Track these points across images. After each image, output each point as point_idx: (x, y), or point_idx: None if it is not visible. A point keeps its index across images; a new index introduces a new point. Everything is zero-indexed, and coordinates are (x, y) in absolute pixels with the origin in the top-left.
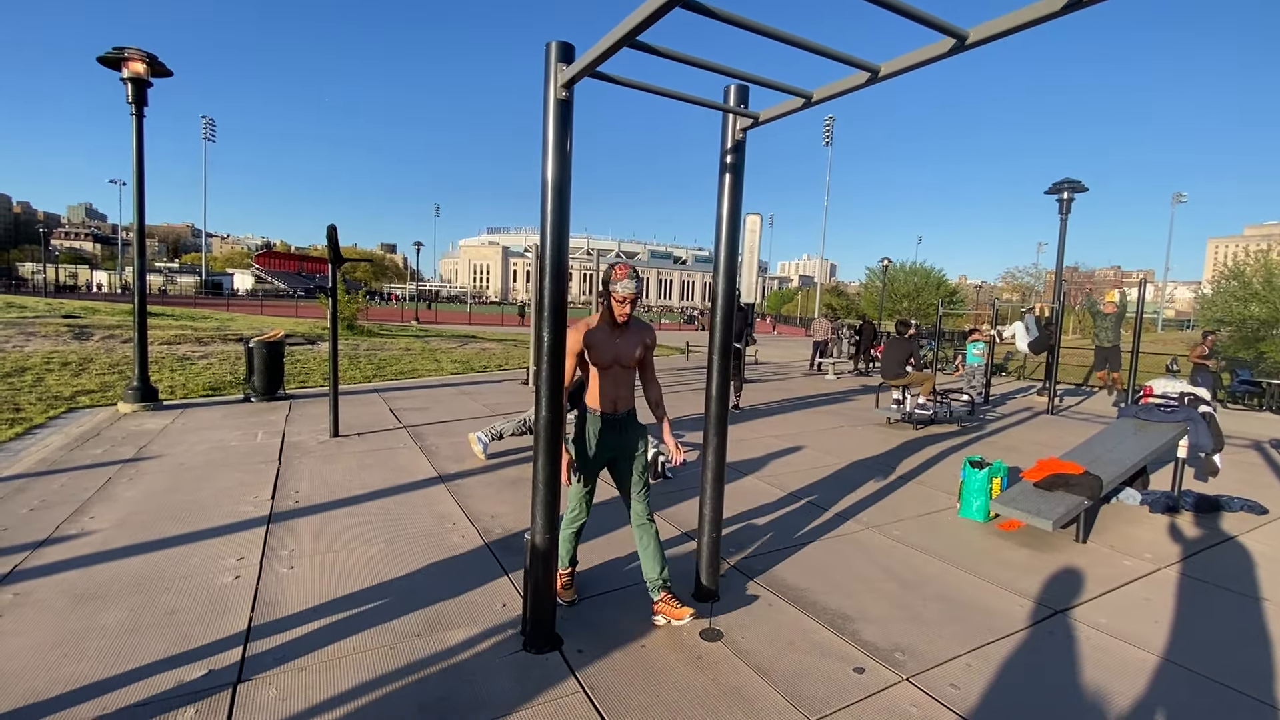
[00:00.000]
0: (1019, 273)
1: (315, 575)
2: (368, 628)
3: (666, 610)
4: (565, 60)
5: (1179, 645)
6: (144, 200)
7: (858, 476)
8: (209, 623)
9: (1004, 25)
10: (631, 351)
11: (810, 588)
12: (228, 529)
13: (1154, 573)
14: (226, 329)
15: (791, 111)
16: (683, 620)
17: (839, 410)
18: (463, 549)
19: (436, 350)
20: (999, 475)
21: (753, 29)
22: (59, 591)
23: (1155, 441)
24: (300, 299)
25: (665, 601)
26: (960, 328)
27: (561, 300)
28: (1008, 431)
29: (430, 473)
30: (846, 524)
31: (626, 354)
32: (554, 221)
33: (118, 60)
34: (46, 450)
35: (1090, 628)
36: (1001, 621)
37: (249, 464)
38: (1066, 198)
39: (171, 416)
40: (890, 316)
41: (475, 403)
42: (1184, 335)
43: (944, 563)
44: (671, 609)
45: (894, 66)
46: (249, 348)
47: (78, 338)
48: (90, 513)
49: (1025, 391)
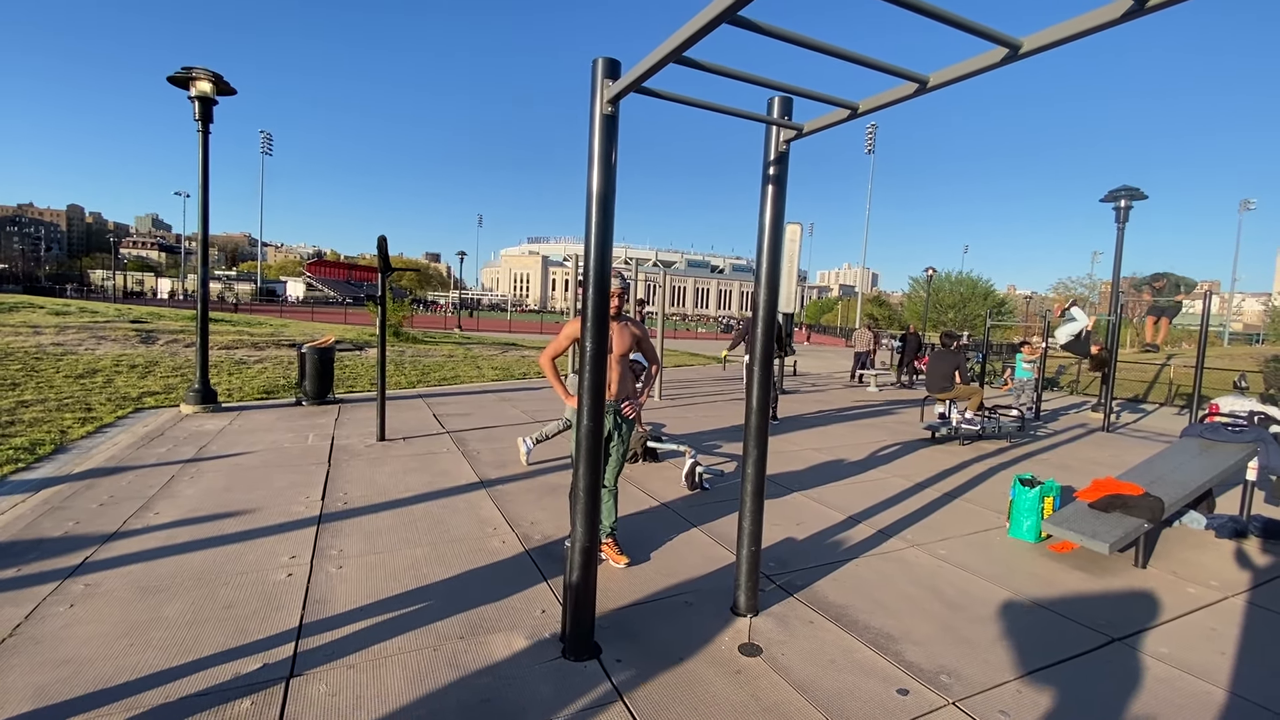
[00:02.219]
0: (1072, 283)
1: (363, 575)
2: (413, 628)
3: (609, 553)
4: (611, 76)
5: (1248, 679)
6: (208, 213)
7: (901, 492)
8: (264, 618)
9: (1059, 34)
10: (620, 341)
11: (852, 605)
12: (281, 528)
13: (1220, 601)
14: (280, 335)
15: (836, 123)
16: (619, 565)
17: (882, 424)
18: (503, 554)
19: (478, 357)
20: (1051, 494)
21: (800, 43)
22: (126, 583)
23: (1222, 463)
24: (349, 306)
25: (609, 546)
26: (1009, 339)
27: (604, 310)
28: (1060, 449)
29: (472, 478)
30: (890, 541)
31: (615, 344)
32: (598, 233)
33: (186, 80)
34: (115, 448)
35: (1151, 657)
36: (1054, 647)
37: (301, 465)
38: (1124, 205)
39: (229, 418)
40: (935, 327)
41: (515, 409)
42: (1253, 350)
43: (992, 584)
44: (613, 553)
45: (943, 77)
46: (301, 353)
47: (144, 341)
48: (155, 509)
49: (1079, 408)
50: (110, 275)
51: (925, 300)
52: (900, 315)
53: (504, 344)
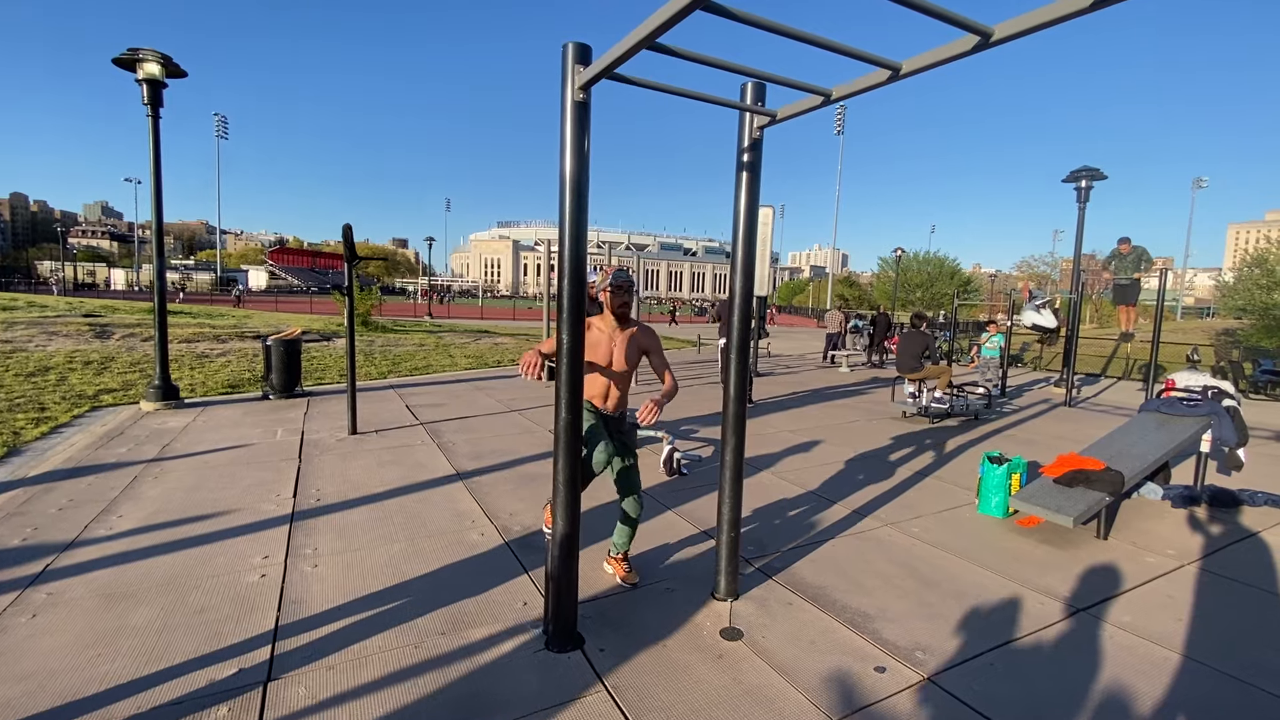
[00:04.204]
0: (1035, 261)
1: (339, 574)
2: (392, 626)
3: (617, 568)
4: (582, 62)
5: (1203, 643)
6: (161, 201)
7: (875, 472)
8: (238, 621)
9: (1030, 22)
10: (621, 353)
11: (830, 585)
12: (252, 527)
13: (1177, 569)
14: (243, 326)
15: (810, 109)
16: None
17: (854, 404)
18: (483, 547)
19: (450, 345)
20: (1018, 471)
21: (772, 29)
22: (91, 591)
23: (1178, 436)
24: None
25: (618, 561)
26: (975, 317)
27: (580, 301)
28: (1025, 425)
29: (448, 470)
30: (865, 521)
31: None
32: (572, 221)
33: (132, 62)
34: (73, 450)
35: (1114, 626)
36: (1023, 620)
37: (270, 462)
38: (1085, 186)
39: (193, 414)
40: (903, 307)
41: (490, 398)
42: (1205, 324)
43: (964, 560)
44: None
45: (916, 64)
46: (266, 346)
47: (99, 336)
48: (118, 511)
49: (1042, 383)
50: (60, 267)
51: (894, 280)
52: (870, 295)
53: (476, 331)
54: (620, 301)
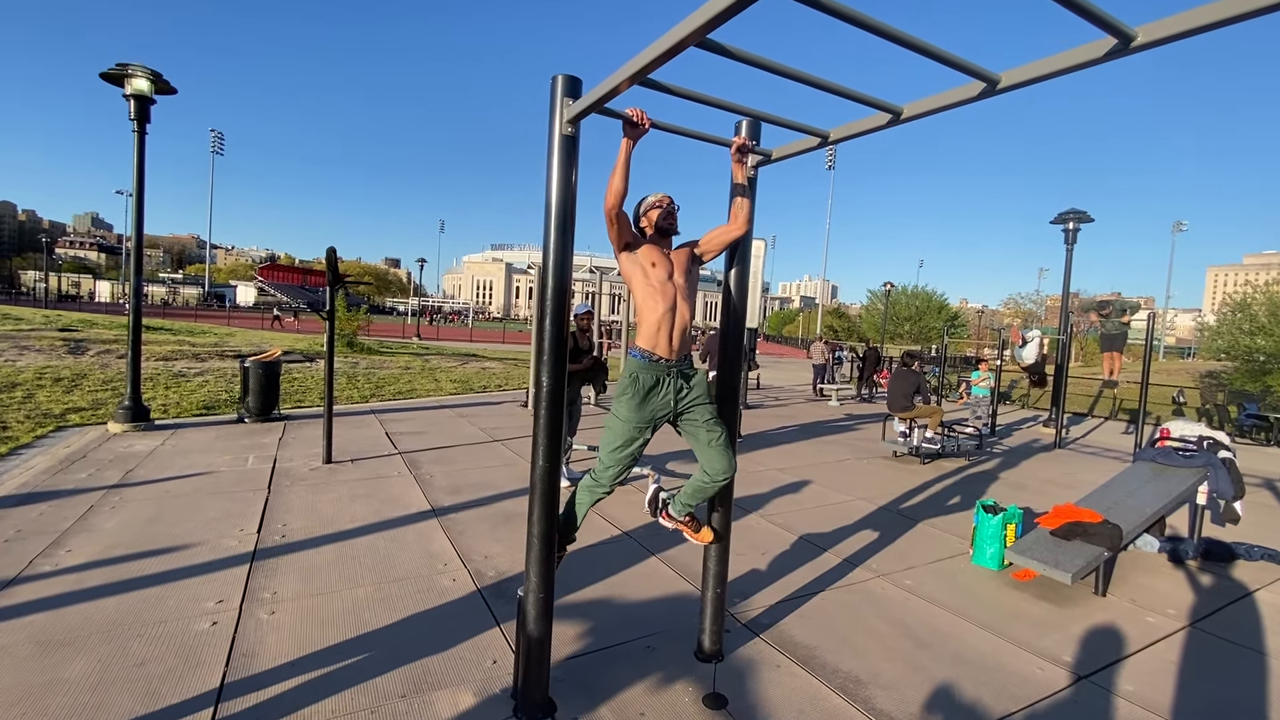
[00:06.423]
0: (1022, 299)
1: (297, 622)
2: (349, 686)
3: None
4: (571, 95)
5: (1207, 716)
6: (143, 218)
7: (866, 516)
8: (180, 677)
9: (1039, 71)
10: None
11: (820, 645)
12: (209, 566)
13: (1178, 631)
14: (225, 345)
15: (806, 150)
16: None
17: (844, 440)
18: (453, 594)
19: (436, 369)
20: (1013, 521)
21: (771, 69)
22: (25, 637)
23: (1175, 488)
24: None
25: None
26: (962, 352)
27: (561, 340)
28: (1017, 467)
29: (424, 505)
30: (856, 571)
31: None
32: (556, 258)
33: (120, 77)
34: (29, 474)
35: (1118, 696)
36: (1023, 688)
37: (237, 492)
38: (1072, 228)
39: (162, 437)
40: (892, 339)
41: (473, 426)
42: (1188, 365)
43: (959, 618)
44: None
45: (918, 109)
46: (244, 367)
47: (72, 352)
48: (67, 545)
49: (1030, 422)
50: (43, 277)
51: (884, 313)
52: (859, 327)
53: (464, 355)
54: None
